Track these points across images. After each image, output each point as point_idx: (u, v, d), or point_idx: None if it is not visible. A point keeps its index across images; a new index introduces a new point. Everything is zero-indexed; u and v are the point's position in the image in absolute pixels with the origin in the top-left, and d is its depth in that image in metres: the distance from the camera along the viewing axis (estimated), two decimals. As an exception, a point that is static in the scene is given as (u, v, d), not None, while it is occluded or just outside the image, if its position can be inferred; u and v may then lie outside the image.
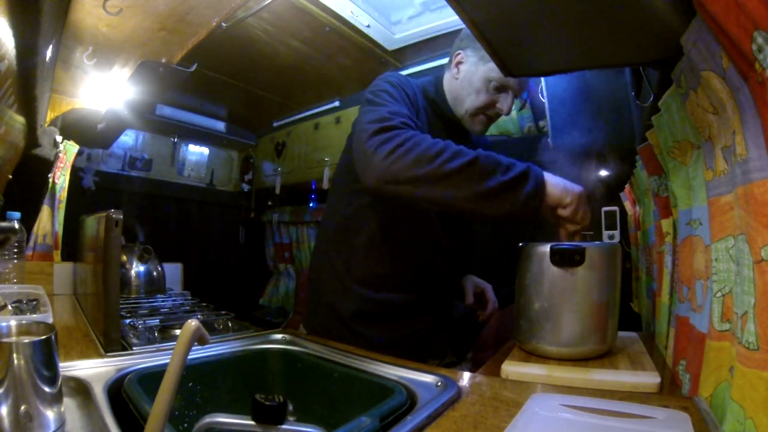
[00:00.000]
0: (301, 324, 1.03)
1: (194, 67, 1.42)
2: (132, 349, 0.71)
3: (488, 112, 0.93)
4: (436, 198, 0.72)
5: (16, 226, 1.16)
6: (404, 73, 1.75)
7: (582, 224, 0.75)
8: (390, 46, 1.69)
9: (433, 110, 0.96)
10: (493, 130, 1.51)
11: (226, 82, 1.95)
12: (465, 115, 0.94)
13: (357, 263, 0.94)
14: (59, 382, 0.45)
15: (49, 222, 1.41)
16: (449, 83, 0.96)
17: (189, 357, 0.36)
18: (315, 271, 1.05)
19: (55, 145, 1.37)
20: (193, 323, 0.36)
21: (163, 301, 1.19)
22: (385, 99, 0.84)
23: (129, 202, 2.16)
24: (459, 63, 0.94)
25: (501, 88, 0.91)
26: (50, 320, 0.78)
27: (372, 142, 0.74)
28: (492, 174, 0.70)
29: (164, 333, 0.84)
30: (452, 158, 0.70)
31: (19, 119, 1.11)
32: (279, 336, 0.84)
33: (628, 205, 1.14)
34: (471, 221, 1.08)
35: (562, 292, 0.67)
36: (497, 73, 0.84)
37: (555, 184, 0.73)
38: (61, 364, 0.46)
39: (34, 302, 0.91)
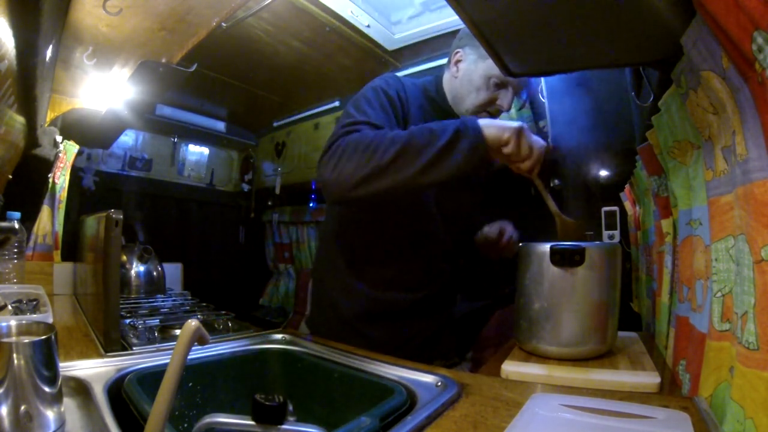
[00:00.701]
0: (303, 322, 1.03)
1: (194, 67, 1.42)
2: (132, 349, 0.71)
3: (489, 109, 0.93)
4: (391, 187, 0.74)
5: (16, 226, 1.16)
6: (404, 73, 1.75)
7: (530, 158, 0.76)
8: (390, 46, 1.69)
9: (433, 109, 0.97)
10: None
11: (226, 82, 1.95)
12: (466, 114, 0.94)
13: (359, 263, 0.94)
14: (59, 382, 0.45)
15: (49, 222, 1.41)
16: (449, 82, 0.97)
17: (189, 357, 0.36)
18: (318, 271, 1.05)
19: (55, 145, 1.37)
20: (193, 323, 0.36)
21: (163, 301, 1.19)
22: (358, 108, 0.85)
23: (129, 202, 2.15)
24: (458, 61, 0.95)
25: (501, 85, 0.91)
26: (50, 320, 0.77)
27: (322, 161, 0.79)
28: (429, 144, 0.73)
29: (164, 333, 0.84)
30: (388, 146, 0.73)
31: (19, 119, 1.11)
32: (279, 336, 0.84)
33: (628, 205, 1.14)
34: (473, 219, 1.07)
35: (562, 292, 0.67)
36: (497, 69, 0.84)
37: (489, 125, 0.75)
38: (61, 364, 0.46)
39: (34, 302, 0.91)
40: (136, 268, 1.39)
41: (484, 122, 0.75)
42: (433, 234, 0.96)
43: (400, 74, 1.75)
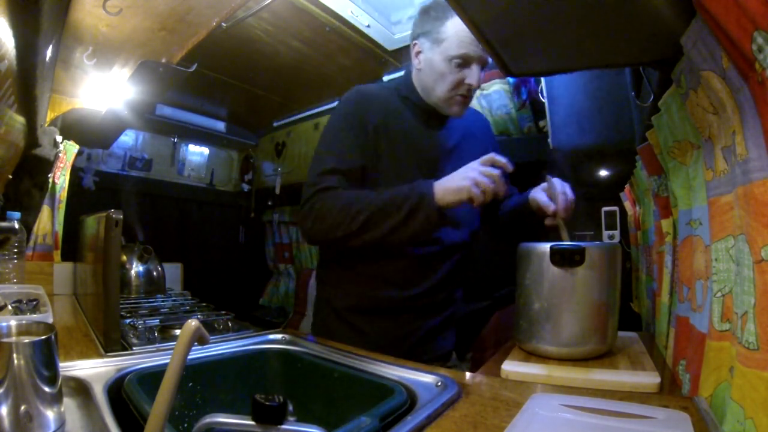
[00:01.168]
0: (309, 320, 1.04)
1: (194, 67, 1.42)
2: (132, 349, 0.71)
3: (460, 92, 0.93)
4: (360, 245, 0.86)
5: (16, 226, 1.16)
6: (403, 73, 1.75)
7: (498, 195, 0.80)
8: (390, 46, 1.69)
9: (406, 106, 0.98)
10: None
11: (226, 82, 1.95)
12: (439, 102, 0.94)
13: (352, 260, 0.95)
14: (59, 382, 0.45)
15: (49, 222, 1.41)
16: (416, 77, 0.98)
17: (189, 357, 0.36)
18: (320, 270, 1.07)
19: (55, 145, 1.37)
20: (193, 323, 0.36)
21: (163, 301, 1.19)
22: (330, 147, 0.91)
23: (129, 202, 2.15)
24: (418, 53, 0.96)
25: (464, 64, 0.90)
26: (50, 320, 0.78)
27: (302, 210, 0.90)
28: (391, 214, 0.83)
29: (164, 333, 0.84)
30: (355, 216, 0.83)
31: (19, 119, 1.10)
32: (279, 336, 0.84)
33: (628, 205, 1.14)
34: (470, 216, 1.06)
35: (562, 292, 0.67)
36: (455, 49, 0.88)
37: (444, 193, 0.81)
38: (61, 364, 0.46)
39: (34, 302, 0.91)
40: (136, 268, 1.39)
41: (438, 191, 0.81)
42: (434, 234, 0.95)
43: (399, 74, 1.76)
